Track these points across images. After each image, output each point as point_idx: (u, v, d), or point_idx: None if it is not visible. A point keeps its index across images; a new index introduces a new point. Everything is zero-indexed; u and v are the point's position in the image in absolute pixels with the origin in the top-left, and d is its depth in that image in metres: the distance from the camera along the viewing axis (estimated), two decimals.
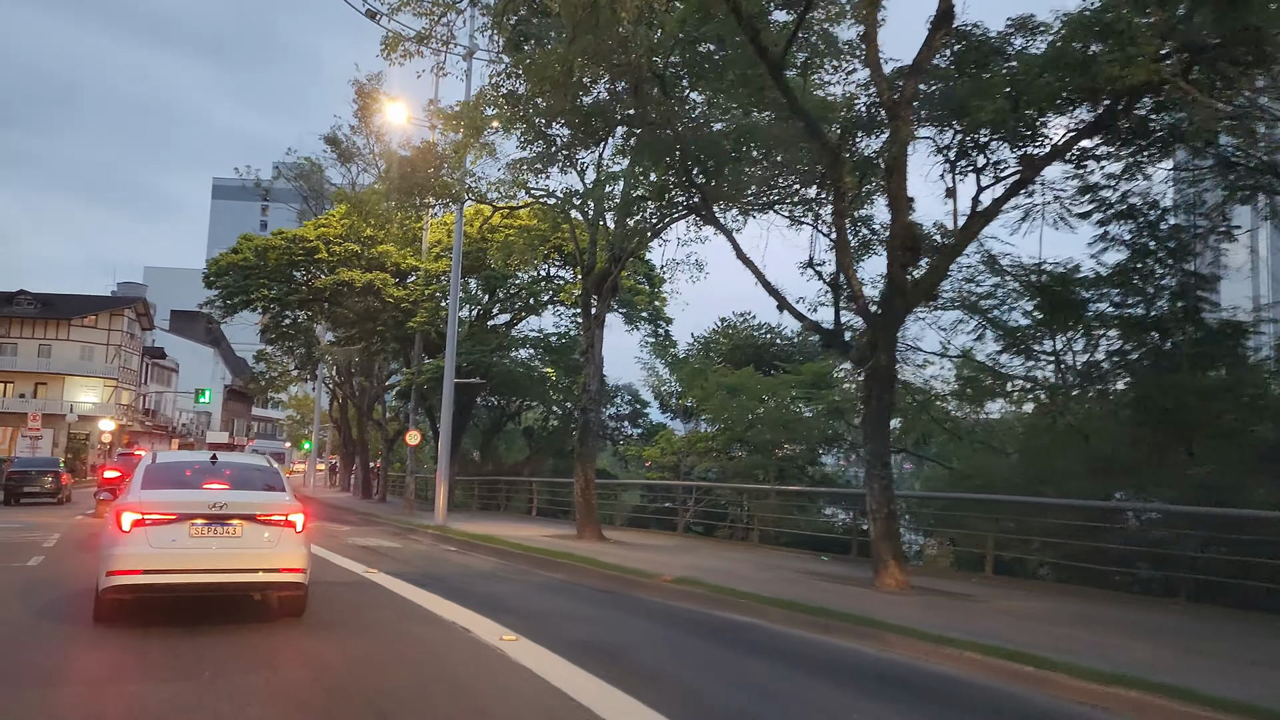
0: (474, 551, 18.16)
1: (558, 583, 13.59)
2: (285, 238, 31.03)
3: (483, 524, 24.47)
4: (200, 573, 8.34)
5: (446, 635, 8.72)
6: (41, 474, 29.48)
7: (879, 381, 12.80)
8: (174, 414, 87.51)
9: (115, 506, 8.63)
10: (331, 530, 22.72)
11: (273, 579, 8.66)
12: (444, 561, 16.14)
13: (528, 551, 16.75)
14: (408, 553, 17.47)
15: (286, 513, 8.78)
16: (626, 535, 21.77)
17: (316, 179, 40.52)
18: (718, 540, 20.99)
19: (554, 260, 32.71)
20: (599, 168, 21.29)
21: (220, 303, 31.62)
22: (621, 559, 15.40)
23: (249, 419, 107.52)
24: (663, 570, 13.85)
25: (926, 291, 13.16)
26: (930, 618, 9.97)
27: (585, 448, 21.15)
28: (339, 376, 44.05)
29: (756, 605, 10.80)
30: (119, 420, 66.08)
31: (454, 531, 21.15)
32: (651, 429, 37.81)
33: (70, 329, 69.39)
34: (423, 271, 29.55)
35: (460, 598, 11.04)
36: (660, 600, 11.92)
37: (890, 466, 13.25)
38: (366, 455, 44.67)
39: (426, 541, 20.64)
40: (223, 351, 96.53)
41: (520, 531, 21.84)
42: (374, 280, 28.80)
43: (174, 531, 8.24)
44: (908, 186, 12.56)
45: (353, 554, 16.51)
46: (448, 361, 23.44)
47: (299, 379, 58.02)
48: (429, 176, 20.60)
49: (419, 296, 29.29)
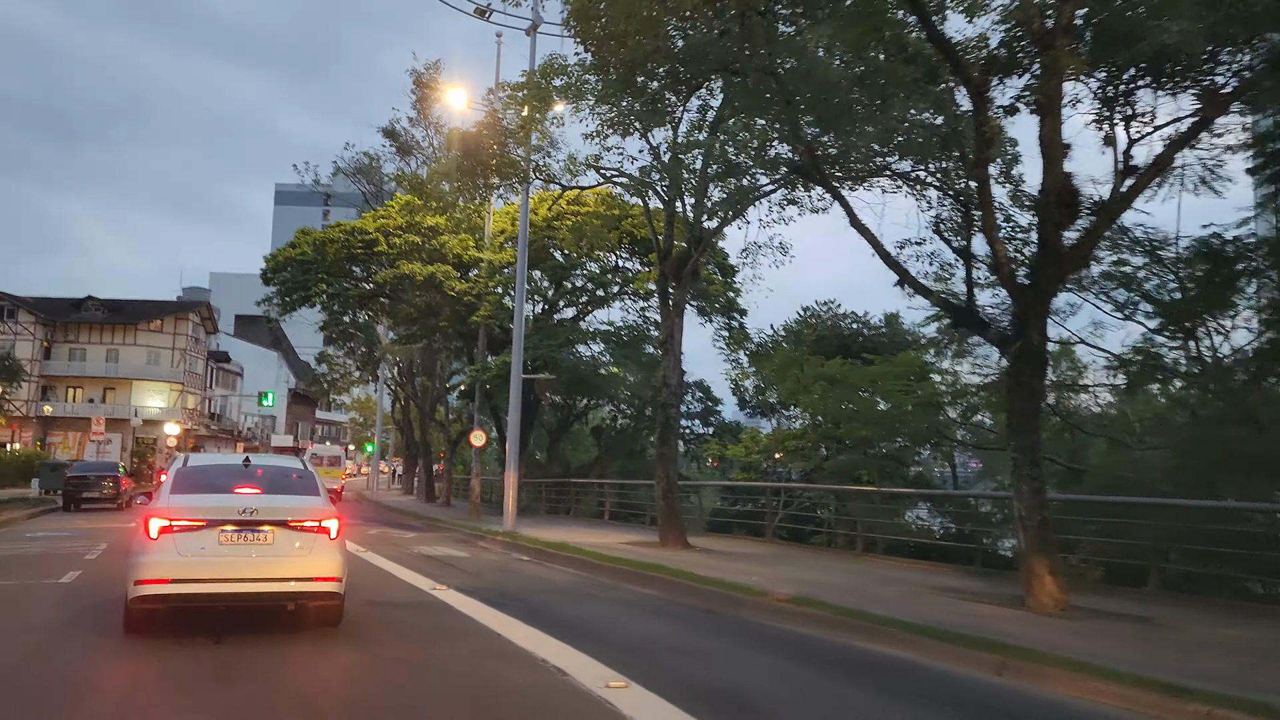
0: (550, 562, 16.52)
1: (652, 601, 11.84)
2: (343, 230, 29.79)
3: (554, 529, 22.87)
4: (230, 582, 7.91)
5: (539, 679, 7.02)
6: (101, 479, 28.69)
7: (1029, 364, 10.82)
8: (239, 418, 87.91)
9: (144, 512, 8.22)
10: (394, 538, 21.29)
11: (306, 589, 8.20)
12: (519, 575, 14.50)
13: (610, 562, 15.04)
14: (478, 564, 15.88)
15: (320, 518, 8.31)
16: (710, 541, 19.96)
17: (375, 174, 39.41)
18: (813, 548, 19.06)
19: (621, 251, 31.08)
20: (674, 143, 19.61)
21: (278, 300, 30.55)
22: (717, 571, 13.62)
23: (313, 422, 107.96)
24: (767, 584, 12.05)
25: (1084, 257, 11.15)
26: (1126, 652, 8.01)
27: (666, 447, 19.39)
28: (400, 376, 42.95)
29: (901, 634, 8.91)
30: (184, 424, 66.13)
31: (525, 538, 19.55)
32: (724, 427, 35.94)
33: (137, 334, 69.75)
34: (485, 263, 28.07)
35: (546, 623, 9.35)
36: (777, 624, 10.09)
37: (1040, 465, 11.24)
38: (429, 457, 43.48)
39: (496, 550, 19.07)
40: (286, 355, 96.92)
41: (595, 538, 20.18)
42: (435, 273, 27.37)
43: (202, 538, 7.87)
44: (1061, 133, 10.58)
45: (418, 565, 14.97)
46: (515, 355, 21.89)
47: (360, 380, 57.32)
48: (493, 154, 19.07)
49: (482, 289, 27.80)
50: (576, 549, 16.95)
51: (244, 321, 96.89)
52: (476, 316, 27.56)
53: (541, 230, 27.34)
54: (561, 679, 6.96)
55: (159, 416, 65.51)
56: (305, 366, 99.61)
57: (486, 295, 27.78)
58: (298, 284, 29.10)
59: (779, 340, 26.35)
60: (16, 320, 67.30)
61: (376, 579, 12.98)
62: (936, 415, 19.76)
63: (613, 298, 30.03)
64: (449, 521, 26.35)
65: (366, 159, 40.99)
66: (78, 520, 24.10)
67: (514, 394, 22.23)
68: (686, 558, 16.18)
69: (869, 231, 12.39)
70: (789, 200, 20.99)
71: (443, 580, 12.81)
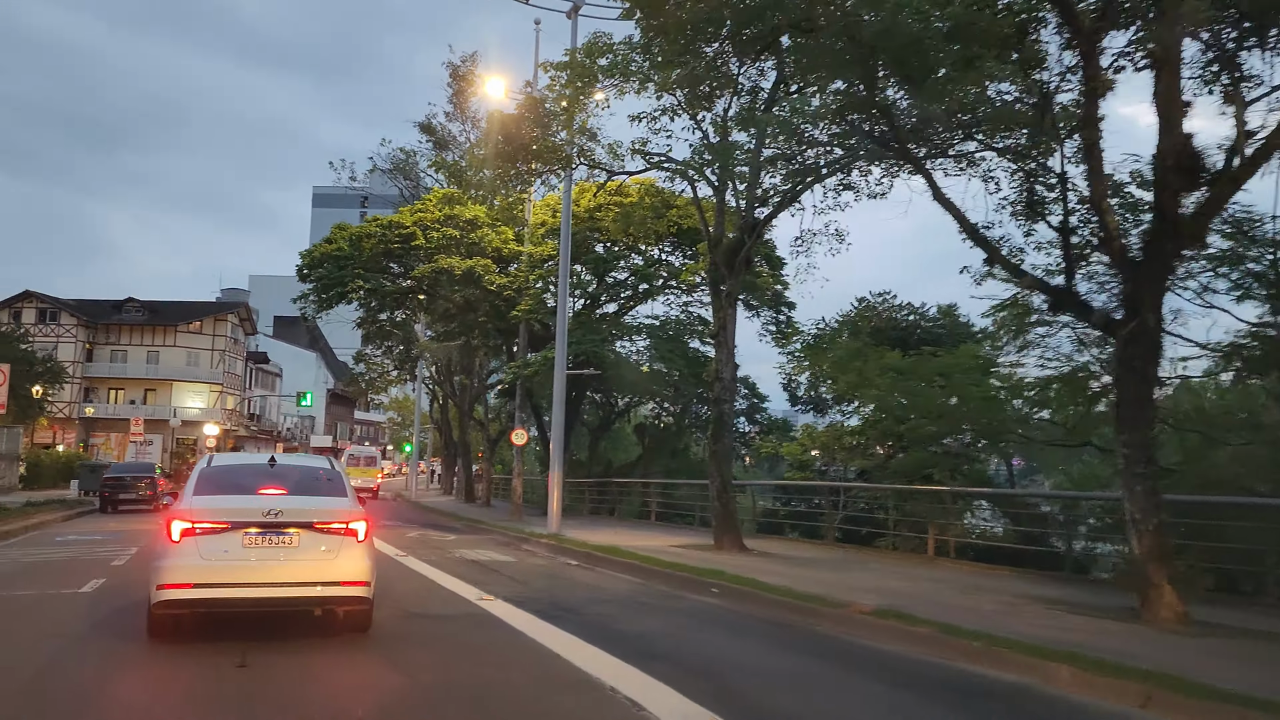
0: (601, 567, 15.52)
1: (717, 612, 10.79)
2: (380, 224, 28.99)
3: (599, 531, 21.91)
4: (254, 586, 7.62)
5: (611, 715, 6.01)
6: (137, 480, 28.20)
7: (1141, 348, 9.64)
8: (278, 418, 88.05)
9: (166, 514, 7.98)
10: (435, 540, 20.43)
11: (333, 593, 7.87)
12: (570, 582, 13.51)
13: (665, 568, 14.01)
14: (525, 570, 14.92)
15: (347, 520, 8.00)
16: (765, 544, 18.89)
17: (412, 171, 38.71)
18: (878, 551, 17.90)
19: (665, 245, 30.06)
20: (723, 125, 18.60)
21: (314, 297, 29.86)
22: (782, 577, 12.55)
23: (351, 422, 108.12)
24: (842, 593, 10.99)
25: (1202, 230, 9.93)
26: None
27: (720, 444, 18.35)
28: (438, 375, 42.27)
29: (1013, 655, 7.80)
30: (223, 425, 66.08)
31: (571, 541, 18.59)
32: (770, 423, 34.78)
33: (176, 335, 69.92)
34: (526, 257, 27.17)
35: (608, 641, 8.34)
36: (864, 641, 9.00)
37: (1154, 462, 10.05)
38: (468, 457, 42.72)
39: (542, 553, 18.12)
40: (324, 355, 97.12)
41: (645, 540, 19.18)
42: (475, 267, 26.49)
43: (226, 541, 7.59)
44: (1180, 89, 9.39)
45: (462, 571, 14.04)
46: (559, 349, 20.95)
47: (398, 380, 56.77)
48: (535, 138, 18.14)
49: (522, 283, 26.89)
50: (628, 553, 15.96)
51: (283, 323, 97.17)
52: (517, 311, 26.66)
53: (584, 222, 26.37)
54: (638, 715, 5.94)
55: (198, 417, 65.54)
56: (343, 367, 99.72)
57: (527, 290, 26.88)
58: (334, 280, 28.35)
59: (832, 332, 25.10)
60: (59, 322, 67.72)
61: (418, 587, 12.07)
62: (1003, 410, 18.48)
63: (657, 291, 28.97)
64: (490, 523, 25.49)
65: (403, 155, 40.35)
66: (112, 522, 23.54)
67: (557, 390, 21.29)
68: (745, 562, 15.14)
69: (954, 207, 11.26)
70: (845, 185, 19.95)
71: (489, 589, 11.86)
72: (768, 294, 27.87)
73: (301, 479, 8.68)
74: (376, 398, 70.70)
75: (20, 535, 19.09)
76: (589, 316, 28.71)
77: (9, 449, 37.07)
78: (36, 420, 53.95)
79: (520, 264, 27.36)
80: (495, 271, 27.53)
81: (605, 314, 30.56)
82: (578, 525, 23.13)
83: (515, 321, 27.26)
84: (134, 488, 27.88)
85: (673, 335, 27.87)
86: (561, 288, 21.00)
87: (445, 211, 27.72)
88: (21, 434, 40.18)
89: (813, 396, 26.76)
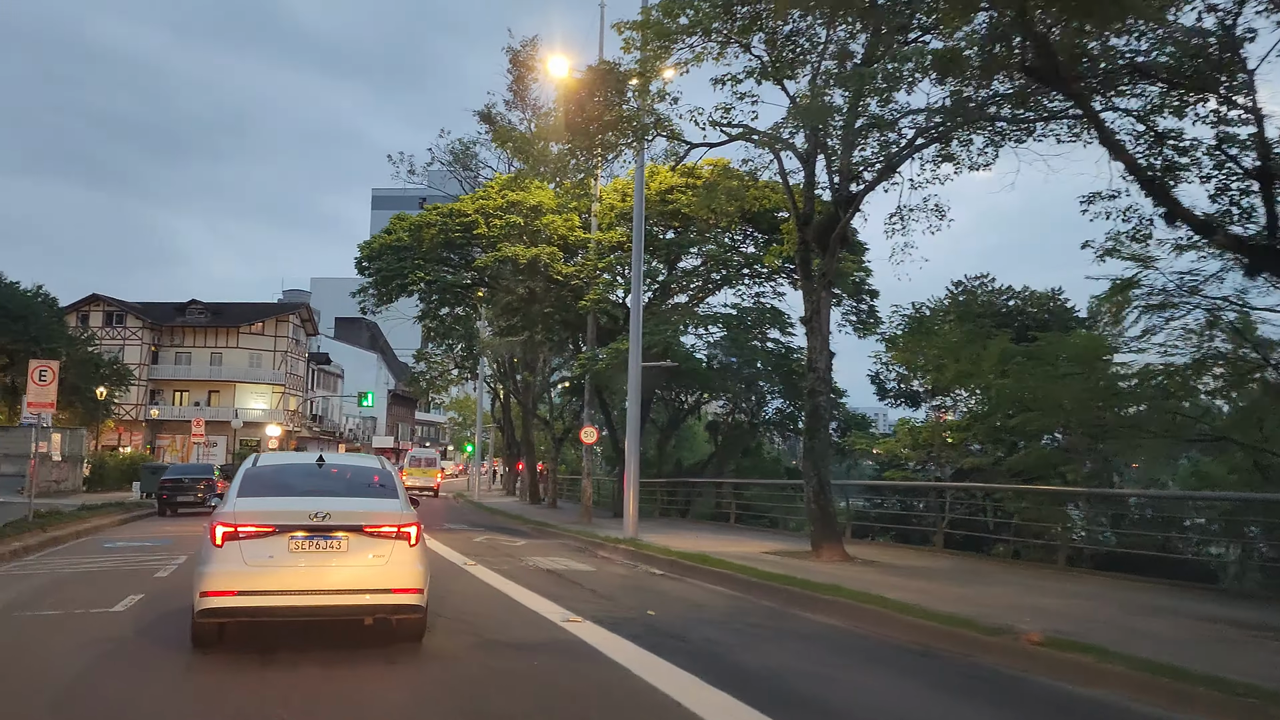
0: (691, 577, 13.87)
1: (849, 639, 9.07)
2: (441, 213, 27.64)
3: (678, 535, 20.31)
4: (301, 594, 7.15)
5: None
6: (194, 482, 27.27)
7: None
8: (340, 419, 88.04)
9: (212, 518, 7.50)
10: (504, 546, 18.98)
11: (383, 601, 7.37)
12: (662, 596, 11.87)
13: (765, 579, 12.30)
14: (607, 582, 13.33)
15: (399, 524, 7.52)
16: (865, 550, 17.06)
17: (472, 161, 37.47)
18: (999, 561, 15.97)
19: (737, 231, 28.30)
20: (814, 87, 16.92)
21: (374, 290, 28.66)
22: (908, 593, 10.80)
23: (412, 423, 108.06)
24: (990, 614, 9.21)
25: None
26: None
27: (816, 440, 16.57)
28: (501, 372, 41.06)
29: (1275, 710, 5.98)
30: (285, 426, 65.89)
31: (652, 547, 16.97)
32: (849, 419, 32.81)
33: (239, 336, 69.99)
34: (593, 244, 25.60)
35: (733, 682, 6.70)
36: (1047, 680, 7.22)
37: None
38: (532, 457, 41.37)
39: (622, 561, 16.53)
40: (385, 356, 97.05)
41: (731, 546, 17.52)
42: (540, 255, 24.99)
43: (271, 546, 7.17)
44: None
45: (539, 584, 12.50)
46: (633, 336, 19.38)
47: (459, 379, 55.82)
48: (608, 104, 16.60)
49: (590, 273, 25.33)
50: (719, 561, 14.28)
51: (344, 324, 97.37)
52: (585, 301, 25.11)
53: (655, 205, 24.77)
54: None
55: (261, 419, 65.41)
56: (404, 367, 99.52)
57: (595, 279, 25.33)
58: (394, 272, 27.01)
59: (928, 318, 23.07)
60: (125, 325, 68.18)
61: (492, 605, 10.54)
62: (1142, 400, 16.41)
63: (735, 278, 27.12)
64: (559, 526, 24.00)
65: (461, 146, 39.14)
66: (167, 526, 22.53)
67: (632, 383, 19.71)
68: (854, 573, 13.38)
69: (1125, 151, 9.39)
70: (944, 156, 18.17)
71: (574, 607, 10.27)
72: (852, 280, 25.97)
73: (351, 479, 8.27)
74: (437, 398, 69.92)
75: (70, 541, 18.07)
76: (659, 307, 27.04)
77: (73, 451, 36.65)
78: (103, 422, 54.04)
79: (588, 251, 25.79)
80: (561, 260, 25.98)
81: (676, 304, 28.90)
82: (652, 528, 21.53)
83: (583, 312, 25.71)
84: (192, 490, 26.96)
85: (751, 324, 26.05)
86: (636, 269, 19.41)
87: (508, 198, 26.27)
88: (86, 435, 39.80)
89: (903, 389, 24.84)
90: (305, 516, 7.22)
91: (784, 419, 30.06)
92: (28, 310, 47.28)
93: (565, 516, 28.73)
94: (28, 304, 47.74)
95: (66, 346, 48.85)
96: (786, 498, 28.80)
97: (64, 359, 48.23)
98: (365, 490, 8.09)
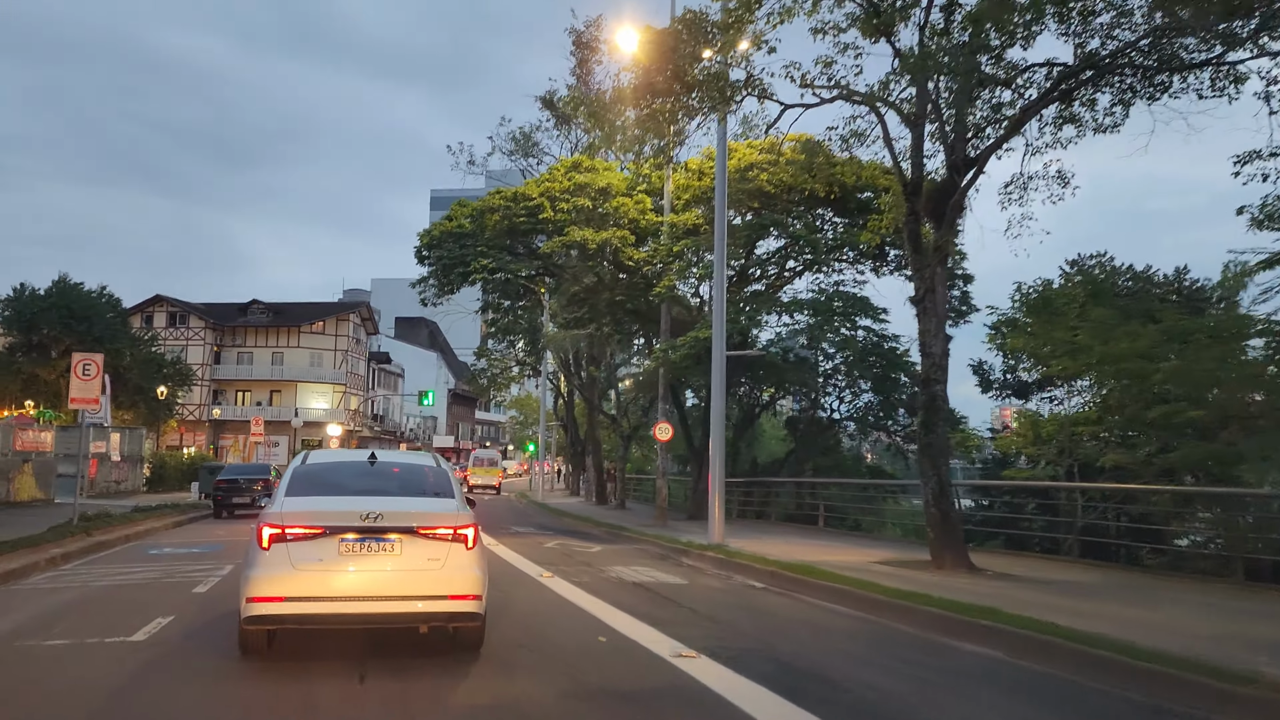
0: (800, 592, 12.00)
1: (1022, 676, 7.19)
2: (504, 198, 26.08)
3: (767, 541, 18.47)
4: (352, 600, 6.60)
5: None
6: (250, 482, 26.10)
7: None
8: (401, 419, 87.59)
9: (260, 519, 6.99)
10: (579, 553, 17.29)
11: (439, 609, 6.81)
12: (776, 619, 10.03)
13: (898, 599, 10.37)
14: (706, 598, 11.52)
15: (455, 525, 6.98)
16: (994, 560, 14.98)
17: (534, 149, 35.97)
18: (1158, 575, 13.77)
19: (817, 212, 26.29)
20: (923, 32, 15.09)
21: (434, 280, 27.22)
22: (1078, 617, 8.87)
23: (472, 422, 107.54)
24: (1200, 647, 7.26)
25: None
26: None
27: (934, 436, 14.59)
28: (568, 365, 39.48)
29: None
30: (346, 425, 65.30)
31: (745, 555, 15.13)
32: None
33: (300, 336, 69.68)
34: (667, 228, 23.77)
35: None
36: None
37: None
38: (599, 455, 39.72)
39: (713, 571, 14.71)
40: (445, 355, 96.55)
41: (832, 555, 15.66)
42: (610, 239, 23.23)
43: (320, 548, 6.66)
44: None
45: (628, 601, 10.75)
46: (715, 320, 17.61)
47: (520, 376, 54.47)
48: (691, 58, 14.85)
49: (663, 257, 23.51)
50: (828, 574, 12.41)
51: (403, 324, 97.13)
52: (660, 287, 23.33)
53: (733, 183, 22.90)
54: None
55: (322, 418, 64.91)
56: (464, 366, 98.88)
57: (668, 264, 23.51)
58: (455, 259, 25.44)
59: (1051, 296, 20.71)
60: (188, 325, 68.25)
61: (582, 632, 8.78)
62: None
63: (820, 262, 25.03)
64: (634, 530, 22.26)
65: (522, 134, 37.69)
66: (220, 530, 21.29)
67: (716, 372, 17.89)
68: (995, 590, 11.41)
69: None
70: (1066, 118, 16.20)
71: (680, 634, 8.48)
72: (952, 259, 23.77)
73: (404, 478, 7.77)
74: (498, 396, 68.74)
75: (117, 546, 16.83)
76: (737, 293, 25.11)
77: (132, 450, 35.96)
78: (166, 422, 53.77)
79: (661, 235, 23.95)
80: (632, 245, 24.18)
81: (754, 291, 26.96)
82: (735, 532, 19.64)
83: (657, 301, 23.93)
84: (248, 491, 25.79)
85: (840, 310, 23.98)
86: (719, 244, 17.56)
87: (574, 180, 24.59)
88: (145, 435, 39.16)
89: (1009, 380, 22.61)
90: (356, 517, 6.74)
91: (874, 414, 27.96)
92: (91, 311, 47.11)
93: (637, 519, 27.02)
94: (91, 304, 47.58)
95: (130, 347, 48.63)
96: (869, 499, 26.96)
97: (127, 359, 48.23)
98: (419, 489, 7.57)
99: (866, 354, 24.09)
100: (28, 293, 46.69)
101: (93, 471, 31.92)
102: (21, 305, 45.74)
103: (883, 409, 27.70)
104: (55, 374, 45.37)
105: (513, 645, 7.81)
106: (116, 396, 48.15)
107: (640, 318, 27.69)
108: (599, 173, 24.91)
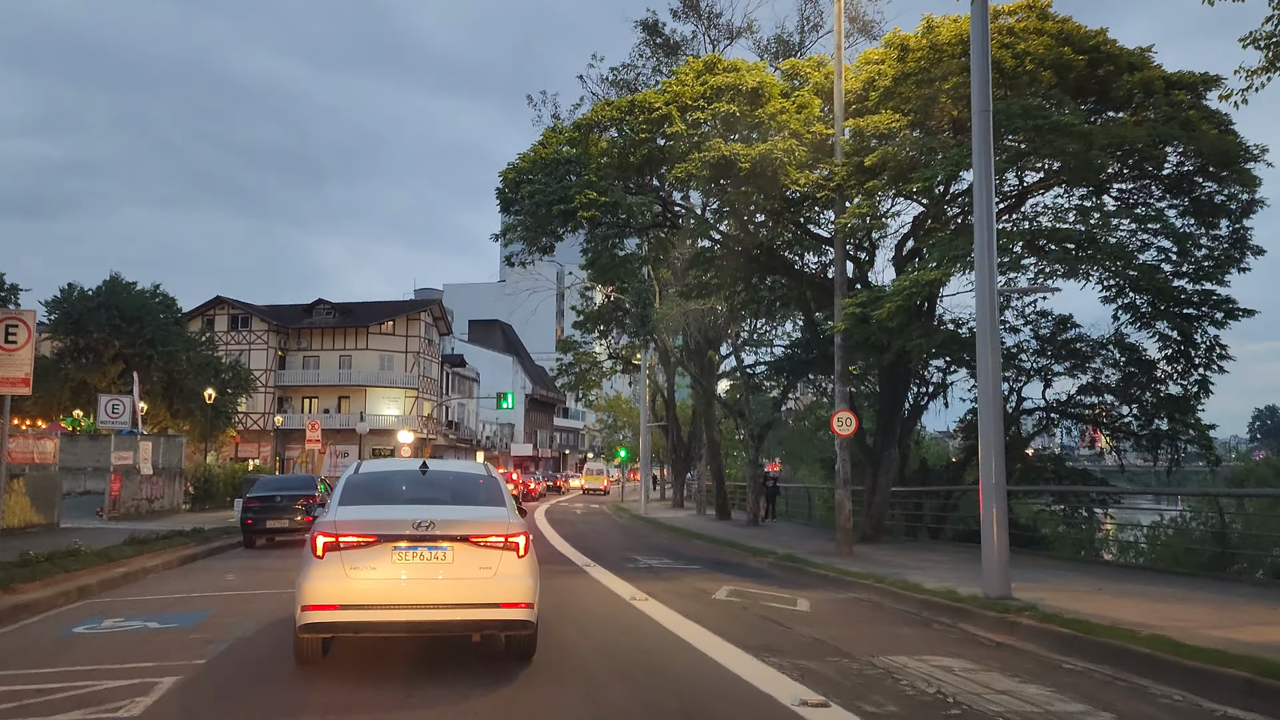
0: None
1: None
2: (617, 109, 19.35)
3: (1063, 587, 11.59)
4: (405, 608, 6.69)
5: None
6: (290, 500, 19.76)
7: None
8: (476, 426, 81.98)
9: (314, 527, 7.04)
10: (780, 614, 10.52)
11: (491, 616, 6.82)
12: None
13: None
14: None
15: (507, 533, 6.97)
16: None
17: (635, 83, 29.52)
18: None
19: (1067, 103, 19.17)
20: None
21: (523, 232, 20.76)
22: None
23: (550, 429, 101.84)
24: None
25: None
26: None
27: None
28: (685, 345, 32.73)
29: None
30: (418, 432, 59.65)
31: (1092, 626, 8.29)
32: (1160, 400, 23.18)
33: (369, 337, 64.52)
34: (850, 136, 16.77)
35: None
36: None
37: None
38: (719, 460, 32.86)
39: (1033, 650, 7.84)
40: (521, 359, 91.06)
41: (1189, 611, 8.75)
42: (771, 151, 16.23)
43: (373, 557, 6.73)
44: None
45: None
46: (979, 232, 10.81)
47: (612, 371, 48.05)
48: None
49: (841, 180, 16.60)
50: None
51: (477, 326, 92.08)
52: (842, 219, 16.47)
53: (958, 56, 16.04)
54: None
55: (393, 425, 59.38)
56: (540, 371, 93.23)
57: (849, 187, 16.64)
58: (553, 195, 18.42)
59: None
60: (250, 329, 63.57)
61: None
62: None
63: (1098, 168, 16.92)
64: (814, 563, 15.44)
65: (614, 74, 31.29)
66: (237, 570, 15.11)
67: (982, 321, 11.09)
68: None
69: None
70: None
71: None
72: None
73: (455, 486, 8.04)
74: (585, 395, 62.30)
75: (45, 611, 10.70)
76: (941, 230, 17.97)
77: (168, 462, 30.33)
78: (224, 431, 48.74)
79: (841, 151, 16.73)
80: (796, 165, 17.19)
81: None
82: (959, 562, 12.58)
83: (838, 234, 16.99)
84: (288, 512, 19.46)
85: (1125, 246, 16.40)
86: (978, 133, 10.74)
87: (709, 83, 17.83)
88: (184, 444, 33.61)
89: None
90: (408, 526, 6.78)
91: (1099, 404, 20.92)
92: (143, 311, 42.38)
93: (798, 542, 20.27)
94: (143, 304, 42.84)
95: (185, 349, 43.75)
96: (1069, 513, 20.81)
97: (183, 363, 43.31)
98: (471, 498, 7.72)
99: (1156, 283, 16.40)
100: (76, 293, 42.14)
101: (115, 489, 26.25)
102: (69, 306, 41.21)
103: (1123, 391, 20.66)
104: (106, 380, 40.68)
105: None
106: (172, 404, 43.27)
107: (793, 274, 20.87)
108: (742, 72, 18.18)
